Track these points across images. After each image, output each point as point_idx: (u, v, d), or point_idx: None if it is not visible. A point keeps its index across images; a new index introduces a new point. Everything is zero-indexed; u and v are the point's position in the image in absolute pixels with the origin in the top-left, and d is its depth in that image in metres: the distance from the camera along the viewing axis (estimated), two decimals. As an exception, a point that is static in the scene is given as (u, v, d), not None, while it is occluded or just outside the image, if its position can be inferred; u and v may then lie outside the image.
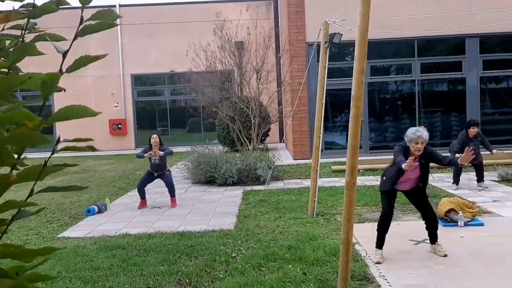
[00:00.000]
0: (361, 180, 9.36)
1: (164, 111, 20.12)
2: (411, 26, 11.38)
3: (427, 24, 11.66)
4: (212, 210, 7.74)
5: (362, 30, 3.75)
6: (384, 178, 5.12)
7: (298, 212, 7.15)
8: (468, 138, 8.36)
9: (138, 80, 20.69)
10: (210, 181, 10.10)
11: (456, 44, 12.84)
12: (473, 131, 8.33)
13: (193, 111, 18.19)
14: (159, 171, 8.13)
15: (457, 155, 8.12)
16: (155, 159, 8.02)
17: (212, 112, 14.54)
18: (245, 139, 13.33)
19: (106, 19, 0.84)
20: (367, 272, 4.63)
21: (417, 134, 4.71)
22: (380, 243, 5.05)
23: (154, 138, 8.09)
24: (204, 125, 19.89)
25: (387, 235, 5.08)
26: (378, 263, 4.88)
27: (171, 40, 19.31)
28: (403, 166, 4.58)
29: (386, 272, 4.63)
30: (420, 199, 5.12)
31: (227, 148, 15.22)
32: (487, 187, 8.50)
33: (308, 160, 12.33)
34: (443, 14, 11.39)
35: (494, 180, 9.15)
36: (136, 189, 8.43)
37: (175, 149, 8.57)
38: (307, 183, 9.40)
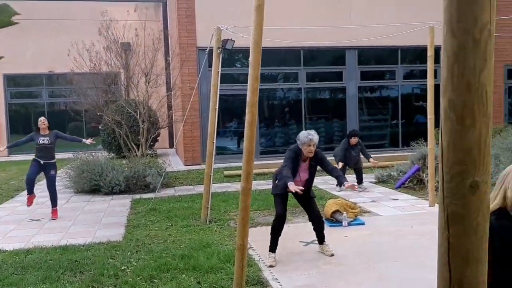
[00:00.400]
0: (252, 185, 9.51)
1: (41, 115, 18.36)
2: (297, 36, 11.91)
3: (312, 35, 12.30)
4: (98, 221, 7.28)
5: (256, 38, 3.79)
6: (276, 181, 5.26)
7: (191, 220, 7.03)
8: (350, 146, 9.04)
9: (12, 80, 18.84)
10: (95, 190, 9.50)
11: (337, 56, 13.74)
12: (353, 140, 9.07)
13: (74, 114, 17.03)
14: (46, 158, 7.37)
15: (340, 164, 8.75)
16: (43, 140, 7.32)
17: (96, 116, 13.73)
18: (133, 144, 12.81)
19: (1, 15, 0.68)
20: (261, 276, 4.69)
21: (309, 138, 4.99)
22: (273, 247, 5.15)
23: (42, 121, 7.45)
24: (87, 129, 18.75)
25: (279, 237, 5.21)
26: (271, 266, 4.97)
27: (50, 39, 17.90)
28: (289, 186, 4.81)
29: (278, 275, 4.73)
30: (308, 200, 5.31)
31: (113, 154, 14.50)
32: (366, 189, 9.19)
33: (199, 166, 12.24)
34: (326, 27, 12.11)
35: (372, 182, 9.91)
36: (11, 198, 7.63)
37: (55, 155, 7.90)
38: (199, 189, 9.31)
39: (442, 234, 1.12)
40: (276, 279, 4.63)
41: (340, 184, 5.35)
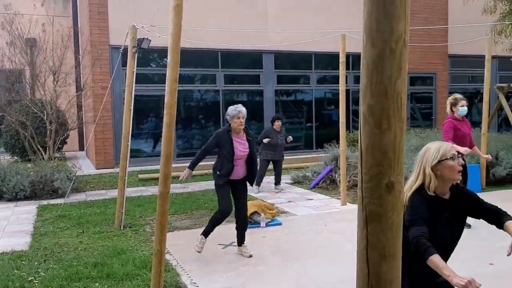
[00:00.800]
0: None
1: None
2: (215, 38, 11.91)
3: (230, 38, 12.38)
4: (1, 229, 6.72)
5: (175, 38, 3.73)
6: (218, 172, 5.19)
7: (104, 226, 6.74)
8: (274, 131, 9.27)
9: None
10: (-4, 196, 8.78)
11: (255, 59, 13.95)
12: (277, 124, 9.32)
13: (-28, 114, 15.60)
14: None
15: (265, 140, 9.05)
16: None
17: (-2, 116, 12.69)
18: (39, 147, 12.00)
19: None
20: (179, 281, 4.62)
21: (237, 110, 5.15)
22: (208, 232, 5.24)
23: None
24: (-14, 131, 17.30)
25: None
26: (198, 252, 5.16)
27: None
28: (186, 170, 5.18)
29: (197, 279, 4.69)
30: (243, 193, 5.34)
31: (16, 157, 13.47)
32: (282, 189, 9.41)
33: (112, 169, 11.77)
34: (244, 30, 12.26)
35: (288, 183, 10.18)
36: None
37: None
38: (112, 194, 8.96)
39: (361, 232, 1.18)
40: (195, 283, 4.59)
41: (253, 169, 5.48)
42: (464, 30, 13.87)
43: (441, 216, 2.48)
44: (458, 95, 6.14)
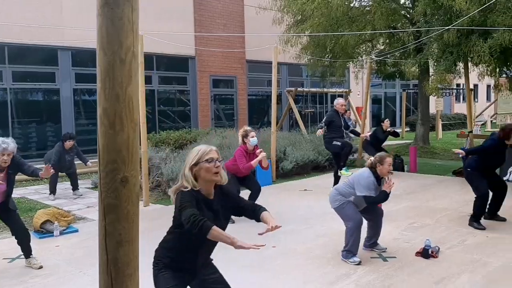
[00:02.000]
0: None
1: None
2: (1, 31, 10.70)
3: (19, 31, 11.26)
4: None
5: None
6: None
7: None
8: (64, 150, 8.62)
9: None
10: None
11: (49, 55, 12.91)
12: (68, 143, 8.61)
13: None
14: None
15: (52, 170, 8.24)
16: None
17: None
18: None
19: None
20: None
21: (2, 146, 4.56)
22: None
23: None
24: None
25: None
26: None
27: None
28: None
29: (-25, 299, 4.22)
30: (8, 213, 4.92)
31: None
32: (81, 195, 8.97)
33: None
34: (35, 25, 11.28)
35: (88, 188, 9.74)
36: None
37: None
38: None
39: (100, 223, 1.29)
40: (-29, 303, 4.12)
41: (36, 175, 5.03)
42: (259, 38, 15.30)
43: (206, 213, 2.66)
44: (248, 127, 6.72)
